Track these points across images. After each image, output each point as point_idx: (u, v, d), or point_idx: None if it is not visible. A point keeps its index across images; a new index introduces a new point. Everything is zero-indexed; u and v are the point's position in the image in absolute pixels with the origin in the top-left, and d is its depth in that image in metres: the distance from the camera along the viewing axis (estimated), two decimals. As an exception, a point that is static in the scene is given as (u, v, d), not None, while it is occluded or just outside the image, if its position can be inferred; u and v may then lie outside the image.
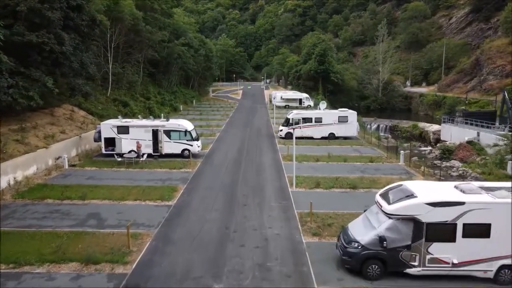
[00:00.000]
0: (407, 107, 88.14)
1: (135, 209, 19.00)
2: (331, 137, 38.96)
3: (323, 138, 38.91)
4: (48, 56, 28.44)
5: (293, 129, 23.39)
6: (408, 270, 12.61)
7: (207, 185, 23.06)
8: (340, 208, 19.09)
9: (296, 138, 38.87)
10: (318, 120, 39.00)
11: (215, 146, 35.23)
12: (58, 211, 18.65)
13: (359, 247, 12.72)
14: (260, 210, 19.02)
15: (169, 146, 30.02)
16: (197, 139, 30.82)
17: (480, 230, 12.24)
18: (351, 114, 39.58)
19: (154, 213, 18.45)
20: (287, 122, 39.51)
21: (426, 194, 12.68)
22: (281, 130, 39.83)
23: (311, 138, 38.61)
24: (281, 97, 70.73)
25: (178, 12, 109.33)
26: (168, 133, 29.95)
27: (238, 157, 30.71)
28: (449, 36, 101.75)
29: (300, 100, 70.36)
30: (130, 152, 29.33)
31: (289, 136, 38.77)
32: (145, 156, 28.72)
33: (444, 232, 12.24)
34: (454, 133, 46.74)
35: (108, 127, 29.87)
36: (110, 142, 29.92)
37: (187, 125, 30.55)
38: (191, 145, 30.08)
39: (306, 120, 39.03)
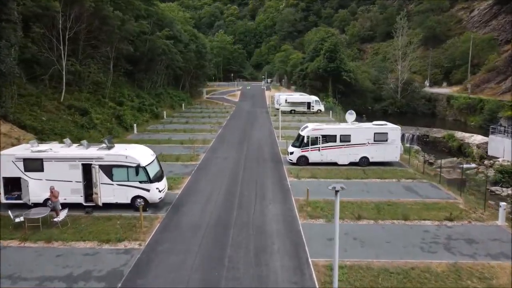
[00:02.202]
0: (431, 111, 76.39)
1: None
2: (364, 162, 26.91)
3: (352, 164, 26.95)
4: None
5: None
6: None
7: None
8: None
9: (314, 164, 26.66)
10: (346, 139, 26.79)
11: (193, 183, 23.07)
12: None
13: None
14: None
15: (110, 192, 17.90)
16: (158, 179, 18.67)
17: None
18: (393, 130, 27.33)
19: None
20: (300, 141, 27.44)
21: None
22: (291, 153, 27.46)
23: (335, 164, 26.75)
24: (286, 100, 58.67)
25: (172, 7, 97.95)
26: (108, 169, 17.81)
27: (226, 211, 18.66)
28: (470, 30, 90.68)
29: (309, 104, 58.75)
30: (45, 202, 17.57)
31: (302, 161, 26.99)
32: (63, 213, 16.59)
33: None
34: (509, 148, 37.54)
35: (9, 160, 17.96)
36: (14, 184, 18.06)
37: (141, 156, 18.26)
38: (148, 190, 17.92)
39: (328, 138, 26.94)
